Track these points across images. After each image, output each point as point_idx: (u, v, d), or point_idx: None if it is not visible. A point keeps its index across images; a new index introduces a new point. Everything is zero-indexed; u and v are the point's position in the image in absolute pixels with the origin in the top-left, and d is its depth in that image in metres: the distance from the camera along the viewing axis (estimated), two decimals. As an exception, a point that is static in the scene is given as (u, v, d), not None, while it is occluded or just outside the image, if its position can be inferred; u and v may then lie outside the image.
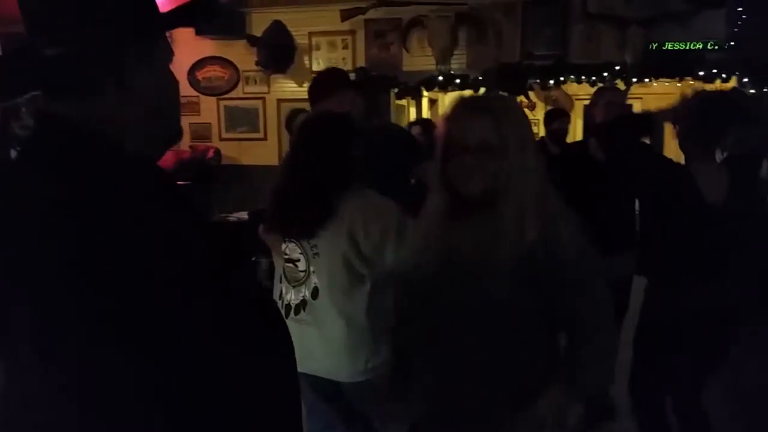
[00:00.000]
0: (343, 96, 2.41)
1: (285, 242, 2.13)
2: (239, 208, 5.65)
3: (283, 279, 2.16)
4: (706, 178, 2.33)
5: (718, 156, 2.47)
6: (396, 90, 5.55)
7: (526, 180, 1.48)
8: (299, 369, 2.00)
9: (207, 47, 5.91)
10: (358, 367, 2.02)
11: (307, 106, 5.73)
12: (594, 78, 4.98)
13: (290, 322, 2.01)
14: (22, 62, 0.88)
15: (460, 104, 1.60)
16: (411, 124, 5.59)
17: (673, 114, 2.51)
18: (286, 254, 2.12)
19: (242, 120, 6.02)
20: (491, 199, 1.50)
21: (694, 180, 2.33)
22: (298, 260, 2.08)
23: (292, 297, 2.11)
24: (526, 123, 1.60)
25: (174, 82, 0.99)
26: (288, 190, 2.07)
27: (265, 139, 6.05)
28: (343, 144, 2.03)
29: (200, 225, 0.97)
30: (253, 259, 5.05)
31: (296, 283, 2.10)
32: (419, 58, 5.58)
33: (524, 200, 1.47)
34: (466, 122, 1.53)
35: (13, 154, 3.75)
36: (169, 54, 0.97)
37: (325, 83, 2.53)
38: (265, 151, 6.01)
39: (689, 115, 2.40)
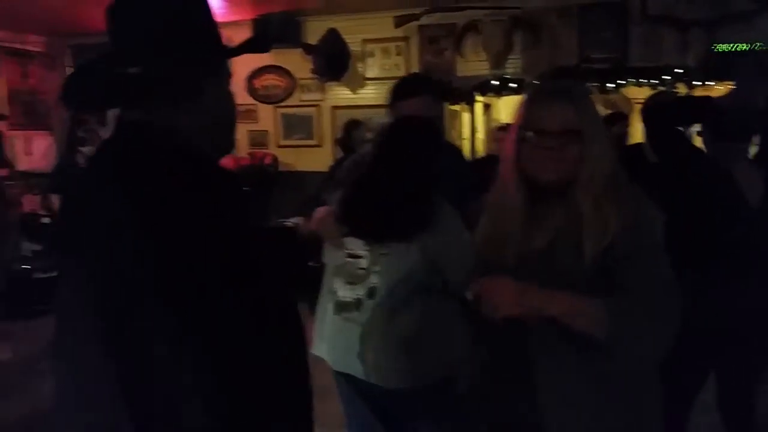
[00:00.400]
0: (422, 100, 2.30)
1: (352, 237, 2.03)
2: (295, 213, 5.78)
3: (337, 274, 2.07)
4: (740, 176, 2.27)
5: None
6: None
7: (603, 167, 1.43)
8: (340, 368, 2.03)
9: (264, 56, 6.07)
10: (404, 375, 1.96)
11: (360, 113, 5.92)
12: (654, 81, 4.86)
13: (338, 319, 2.02)
14: (102, 77, 1.03)
15: (539, 89, 1.56)
16: (499, 128, 5.43)
17: (730, 99, 2.44)
18: (348, 248, 2.03)
19: (298, 127, 6.17)
20: (567, 189, 1.45)
21: (733, 178, 2.27)
22: (361, 257, 2.00)
23: (345, 294, 2.03)
24: (598, 111, 1.57)
25: (233, 98, 1.13)
26: (378, 190, 1.99)
27: (320, 145, 6.17)
28: (435, 149, 1.99)
29: (253, 221, 1.10)
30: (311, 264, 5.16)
31: (353, 279, 2.01)
32: (473, 63, 5.58)
33: (602, 189, 1.42)
34: (546, 107, 1.48)
35: (84, 154, 3.97)
36: (229, 73, 1.11)
37: (407, 86, 2.46)
38: (319, 157, 6.12)
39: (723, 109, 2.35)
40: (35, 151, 7.00)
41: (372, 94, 5.92)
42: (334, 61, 5.66)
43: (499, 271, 1.48)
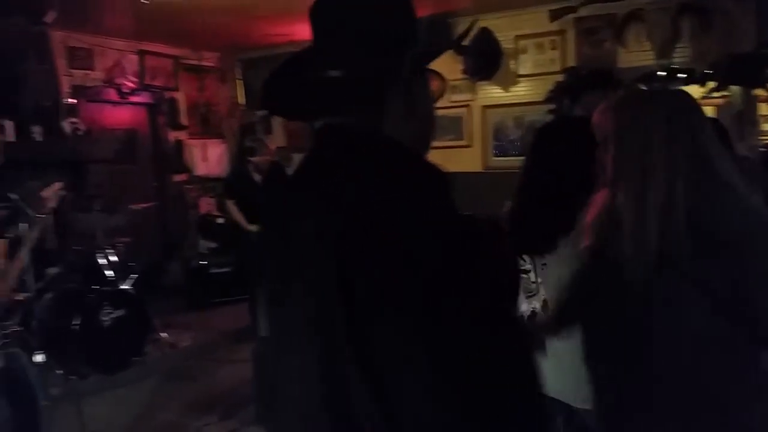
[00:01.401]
0: (603, 94, 2.14)
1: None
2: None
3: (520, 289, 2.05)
4: None
5: None
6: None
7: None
8: None
9: (415, 59, 6.23)
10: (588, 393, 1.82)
11: (512, 111, 5.85)
12: None
13: None
14: (304, 81, 1.00)
15: (631, 98, 1.53)
16: None
17: None
18: (521, 263, 2.00)
19: (448, 128, 6.23)
20: None
21: None
22: (529, 271, 1.98)
23: (524, 308, 2.01)
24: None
25: (433, 98, 1.10)
26: (523, 201, 1.94)
27: (469, 146, 6.19)
28: (583, 151, 1.94)
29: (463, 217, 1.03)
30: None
31: (528, 294, 1.99)
32: (636, 54, 5.28)
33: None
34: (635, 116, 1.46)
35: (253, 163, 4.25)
36: (430, 72, 1.08)
37: (594, 78, 2.34)
38: (469, 157, 6.15)
39: None
40: (210, 158, 7.75)
41: (525, 91, 5.83)
42: (486, 60, 5.65)
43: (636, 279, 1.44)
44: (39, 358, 2.40)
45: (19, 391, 2.61)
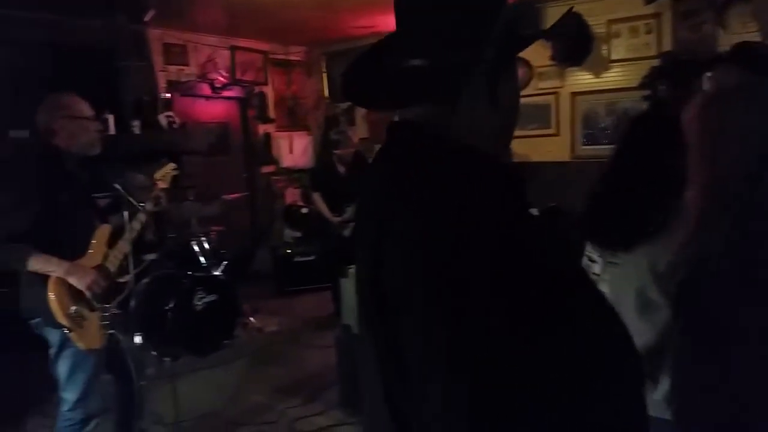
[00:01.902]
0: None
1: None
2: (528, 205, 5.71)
3: None
4: None
5: None
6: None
7: None
8: None
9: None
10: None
11: (603, 98, 5.62)
12: None
13: None
14: (385, 71, 0.97)
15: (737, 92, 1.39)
16: None
17: None
18: (588, 250, 1.93)
19: (533, 117, 6.07)
20: None
21: None
22: (596, 262, 1.87)
23: None
24: None
25: (519, 91, 1.04)
26: (609, 189, 1.83)
27: (557, 134, 6.00)
28: (677, 150, 1.81)
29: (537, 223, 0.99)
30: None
31: None
32: (739, 36, 4.92)
33: None
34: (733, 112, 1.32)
35: (336, 155, 4.32)
36: (517, 68, 1.01)
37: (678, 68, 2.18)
38: (556, 147, 5.97)
39: None
40: (296, 150, 7.95)
41: (617, 77, 5.58)
42: (575, 46, 5.46)
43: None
44: (137, 339, 2.54)
45: (119, 370, 2.79)
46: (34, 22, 4.91)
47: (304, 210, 7.07)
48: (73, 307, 2.46)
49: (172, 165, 3.00)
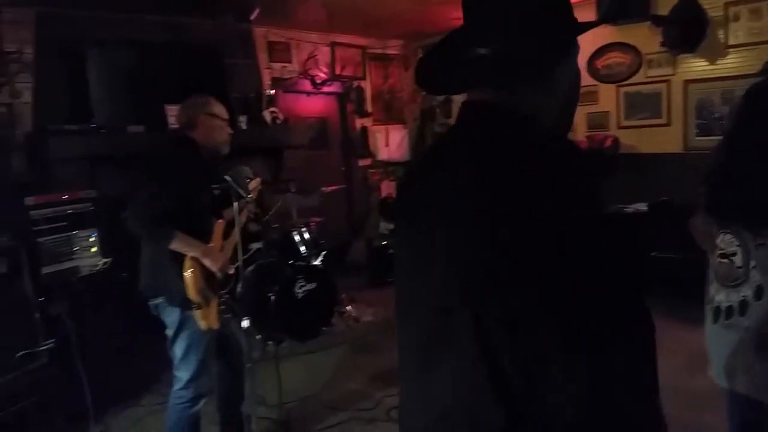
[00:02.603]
0: None
1: (721, 234, 1.81)
2: (637, 198, 5.46)
3: (713, 278, 1.86)
4: None
5: None
6: None
7: None
8: (723, 383, 1.78)
9: (607, 34, 5.86)
10: None
11: (719, 86, 5.25)
12: None
13: (716, 328, 1.81)
14: (454, 59, 1.04)
15: None
16: None
17: None
18: (720, 248, 1.82)
19: (643, 106, 5.78)
20: None
21: None
22: (734, 254, 1.77)
23: (723, 298, 1.80)
24: None
25: (579, 77, 1.09)
26: (732, 164, 1.76)
27: (668, 124, 5.69)
28: None
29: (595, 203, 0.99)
30: (654, 254, 4.83)
31: (731, 282, 1.78)
32: None
33: None
34: None
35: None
36: (578, 51, 1.07)
37: None
38: (667, 137, 5.65)
39: None
40: (391, 143, 8.04)
41: (735, 63, 5.20)
42: (688, 31, 5.14)
43: None
44: (245, 323, 2.68)
45: (228, 353, 2.95)
46: (151, 24, 5.26)
47: (400, 203, 7.14)
48: (202, 289, 2.63)
49: (258, 179, 3.11)
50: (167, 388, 2.89)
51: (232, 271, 2.81)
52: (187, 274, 2.58)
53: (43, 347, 3.13)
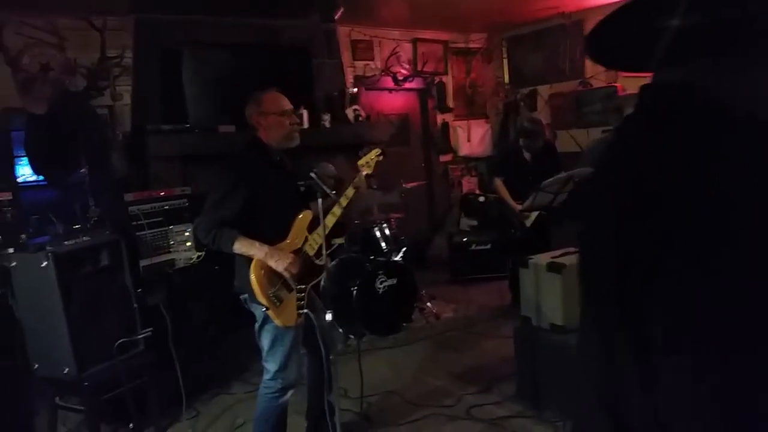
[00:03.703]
0: None
1: None
2: None
3: None
4: None
5: None
6: None
7: None
8: None
9: None
10: None
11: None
12: None
13: None
14: (638, 30, 0.90)
15: None
16: None
17: None
18: None
19: None
20: None
21: None
22: None
23: None
24: None
25: None
26: None
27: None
28: None
29: None
30: None
31: None
32: None
33: None
34: None
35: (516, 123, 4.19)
36: None
37: None
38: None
39: None
40: (473, 138, 7.92)
41: None
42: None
43: None
44: (328, 317, 2.71)
45: (313, 346, 3.00)
46: (242, 26, 5.43)
47: (481, 199, 7.04)
48: (272, 289, 2.69)
49: (377, 150, 3.10)
50: (257, 377, 2.97)
51: (320, 263, 2.84)
52: (252, 278, 2.66)
53: (141, 335, 3.30)
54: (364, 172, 3.03)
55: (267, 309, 2.67)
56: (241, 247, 2.65)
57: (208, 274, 3.97)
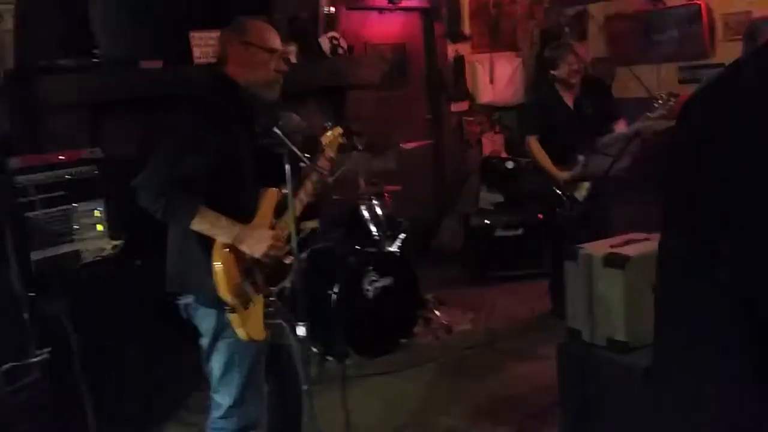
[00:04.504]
0: None
1: None
2: None
3: None
4: None
5: None
6: None
7: None
8: None
9: None
10: None
11: None
12: None
13: None
14: None
15: None
16: None
17: None
18: None
19: None
20: None
21: None
22: None
23: None
24: None
25: None
26: None
27: None
28: None
29: None
30: None
31: None
32: None
33: None
34: None
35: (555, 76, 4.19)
36: None
37: None
38: None
39: None
40: (499, 79, 7.87)
41: None
42: None
43: None
44: (300, 330, 2.72)
45: (282, 372, 2.99)
46: None
47: (509, 164, 7.04)
48: (242, 283, 2.67)
49: (338, 129, 3.17)
50: (199, 416, 2.97)
51: (289, 260, 2.84)
52: (217, 266, 2.63)
53: (36, 359, 3.28)
54: (329, 155, 3.08)
55: (232, 310, 2.65)
56: (203, 222, 2.62)
57: (128, 271, 3.95)
